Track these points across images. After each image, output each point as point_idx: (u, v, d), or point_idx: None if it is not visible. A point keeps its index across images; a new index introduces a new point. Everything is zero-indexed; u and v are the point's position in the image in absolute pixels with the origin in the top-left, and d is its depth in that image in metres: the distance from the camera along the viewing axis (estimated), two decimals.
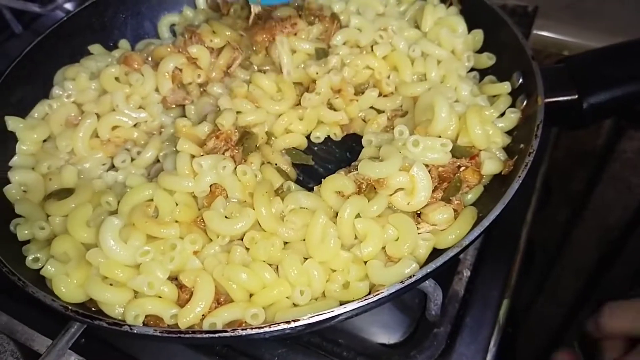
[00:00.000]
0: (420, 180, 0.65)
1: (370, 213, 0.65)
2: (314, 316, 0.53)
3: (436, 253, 0.61)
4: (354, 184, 0.67)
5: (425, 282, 0.62)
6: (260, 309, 0.58)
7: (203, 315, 0.59)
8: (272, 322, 0.53)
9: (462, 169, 0.69)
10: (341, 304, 0.54)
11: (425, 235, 0.64)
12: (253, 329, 0.53)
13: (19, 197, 0.73)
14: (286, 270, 0.61)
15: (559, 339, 0.97)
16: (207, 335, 0.54)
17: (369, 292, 0.58)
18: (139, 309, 0.59)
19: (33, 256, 0.65)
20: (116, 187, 0.75)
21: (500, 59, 0.84)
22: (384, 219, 0.65)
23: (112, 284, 0.61)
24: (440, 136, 0.71)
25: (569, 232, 1.18)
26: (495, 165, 0.69)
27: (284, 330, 0.53)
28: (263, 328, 0.53)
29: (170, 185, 0.67)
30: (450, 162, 0.69)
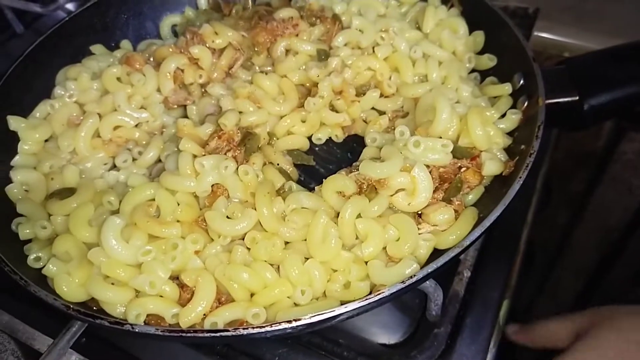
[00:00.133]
0: (421, 180, 0.65)
1: (371, 213, 0.65)
2: (315, 316, 0.53)
3: (437, 253, 0.62)
4: (355, 184, 0.68)
5: (426, 283, 0.62)
6: (261, 309, 0.59)
7: (204, 314, 0.59)
8: (274, 322, 0.53)
9: (463, 169, 0.69)
10: (342, 303, 0.55)
11: (426, 236, 0.64)
12: (254, 328, 0.53)
13: (20, 197, 0.73)
14: (287, 270, 0.61)
15: None
16: (209, 334, 0.54)
17: (370, 292, 0.58)
18: (140, 308, 0.59)
19: (35, 255, 0.65)
20: (118, 187, 0.76)
21: (501, 61, 0.84)
22: (384, 219, 0.65)
23: (114, 283, 0.61)
24: (441, 137, 0.71)
25: (569, 233, 1.18)
26: (496, 166, 0.69)
27: (285, 330, 0.53)
28: (264, 327, 0.53)
29: (172, 185, 0.67)
30: (451, 163, 0.69)
